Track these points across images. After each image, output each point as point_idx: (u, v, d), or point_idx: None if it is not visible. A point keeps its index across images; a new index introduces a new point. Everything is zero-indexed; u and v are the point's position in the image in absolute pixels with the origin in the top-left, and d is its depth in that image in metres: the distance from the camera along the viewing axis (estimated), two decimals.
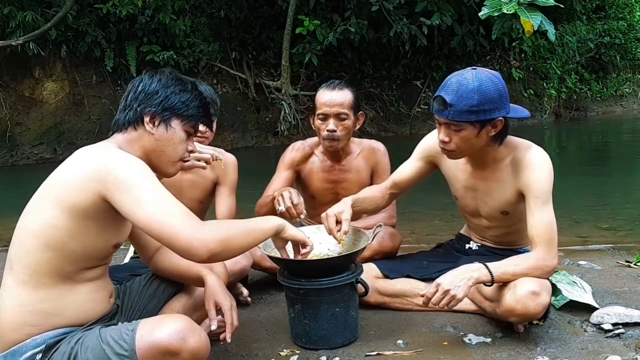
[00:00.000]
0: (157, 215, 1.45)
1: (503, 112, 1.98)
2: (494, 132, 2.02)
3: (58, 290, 1.55)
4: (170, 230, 1.44)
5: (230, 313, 1.78)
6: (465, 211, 2.36)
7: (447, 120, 1.97)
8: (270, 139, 10.21)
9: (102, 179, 1.47)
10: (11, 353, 1.54)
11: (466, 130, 1.97)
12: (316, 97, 2.59)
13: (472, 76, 1.94)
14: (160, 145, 1.66)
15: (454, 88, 1.94)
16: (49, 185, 1.56)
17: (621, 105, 14.31)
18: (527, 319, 2.01)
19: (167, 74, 1.69)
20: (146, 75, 1.70)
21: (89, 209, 1.50)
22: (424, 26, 9.53)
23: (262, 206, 2.59)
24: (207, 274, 1.86)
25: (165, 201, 1.48)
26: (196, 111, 1.69)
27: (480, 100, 1.91)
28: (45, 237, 1.51)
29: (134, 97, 1.66)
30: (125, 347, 1.48)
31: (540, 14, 2.76)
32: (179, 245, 1.45)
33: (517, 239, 2.30)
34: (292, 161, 2.71)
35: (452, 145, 2.02)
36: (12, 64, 9.34)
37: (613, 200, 5.21)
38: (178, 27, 9.47)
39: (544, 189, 2.01)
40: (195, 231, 1.46)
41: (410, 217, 4.30)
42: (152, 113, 1.63)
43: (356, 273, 2.05)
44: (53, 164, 1.58)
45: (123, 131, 1.66)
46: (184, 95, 1.67)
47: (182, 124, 1.67)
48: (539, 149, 2.09)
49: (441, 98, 1.95)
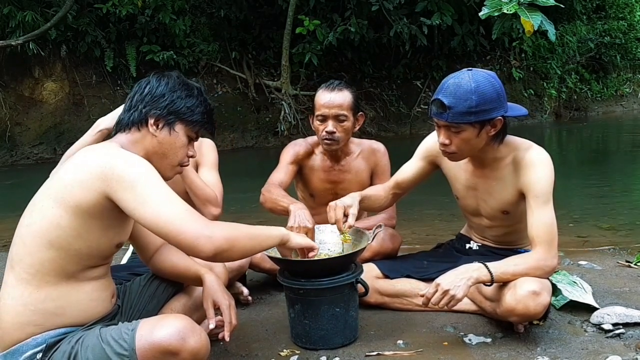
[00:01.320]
0: (163, 213, 1.46)
1: (502, 111, 1.98)
2: (494, 131, 2.02)
3: (61, 290, 1.55)
4: (178, 227, 1.46)
5: (229, 312, 1.78)
6: (466, 211, 2.36)
7: (446, 123, 1.96)
8: (270, 139, 10.21)
9: (106, 178, 1.48)
10: (12, 352, 1.54)
11: (466, 131, 1.97)
12: (315, 98, 2.57)
13: (469, 77, 1.93)
14: (162, 148, 1.66)
15: (451, 90, 1.93)
16: (52, 185, 1.56)
17: (621, 105, 14.32)
18: (528, 318, 2.01)
19: (174, 78, 1.70)
20: (154, 77, 1.71)
21: (93, 208, 1.50)
22: (424, 26, 9.53)
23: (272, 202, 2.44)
24: (206, 273, 1.87)
25: (170, 199, 1.49)
26: (200, 117, 1.70)
27: (478, 101, 1.91)
28: (48, 236, 1.51)
29: (140, 98, 1.67)
30: (126, 346, 1.48)
31: (540, 14, 2.76)
32: (185, 242, 1.47)
33: (518, 238, 2.30)
34: (296, 155, 2.68)
35: (452, 147, 2.02)
36: (12, 63, 9.34)
37: (613, 200, 5.20)
38: (178, 27, 9.48)
39: (544, 188, 2.00)
40: (202, 228, 1.48)
41: (410, 218, 4.29)
42: (157, 116, 1.64)
43: (356, 273, 2.05)
44: (53, 164, 1.58)
45: (126, 131, 1.66)
46: (190, 101, 1.68)
47: (186, 128, 1.68)
48: (540, 149, 2.09)
49: (439, 101, 1.94)
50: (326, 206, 2.72)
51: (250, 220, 3.50)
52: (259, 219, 3.20)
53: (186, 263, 1.89)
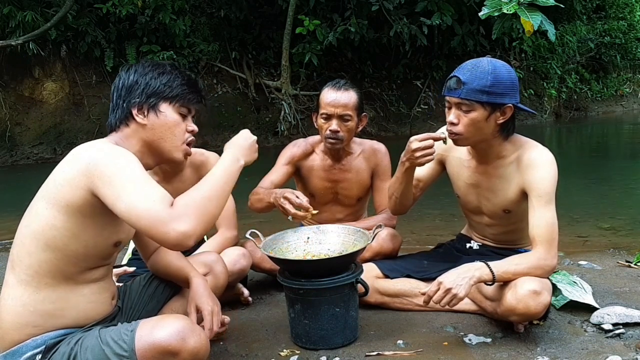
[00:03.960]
0: (134, 208, 1.40)
1: (514, 100, 2.02)
2: (503, 119, 2.03)
3: (60, 291, 1.55)
4: (147, 222, 1.39)
5: (210, 318, 1.75)
6: (467, 209, 2.37)
7: (459, 99, 1.99)
8: (270, 139, 10.21)
9: (90, 174, 1.45)
10: (11, 353, 1.54)
11: (476, 111, 1.99)
12: (320, 96, 2.57)
13: (487, 61, 2.02)
14: (157, 133, 1.63)
15: (469, 68, 2.01)
16: (45, 185, 1.55)
17: (621, 105, 14.33)
18: (528, 318, 2.01)
19: (142, 64, 1.68)
20: (122, 70, 1.69)
21: (83, 206, 1.48)
22: (424, 26, 9.53)
23: (258, 201, 2.51)
24: (194, 277, 1.84)
25: (141, 190, 1.42)
26: (181, 89, 1.66)
27: (493, 81, 1.96)
28: (44, 238, 1.51)
29: (117, 95, 1.65)
30: (125, 347, 1.47)
31: (540, 14, 2.76)
32: (158, 239, 1.41)
33: (518, 238, 2.30)
34: (292, 157, 2.70)
35: (460, 127, 2.03)
36: (12, 63, 9.34)
37: (613, 200, 5.21)
38: (178, 27, 9.48)
39: (547, 188, 2.01)
40: (169, 220, 1.38)
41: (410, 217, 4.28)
42: (138, 104, 1.62)
43: (356, 273, 2.05)
44: (53, 164, 1.57)
45: (117, 130, 1.65)
46: (164, 78, 1.65)
47: (172, 106, 1.65)
48: (545, 149, 2.09)
49: (456, 77, 2.01)
50: (326, 206, 2.74)
51: (250, 220, 3.50)
52: (259, 218, 3.19)
53: (179, 264, 1.88)
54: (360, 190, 2.73)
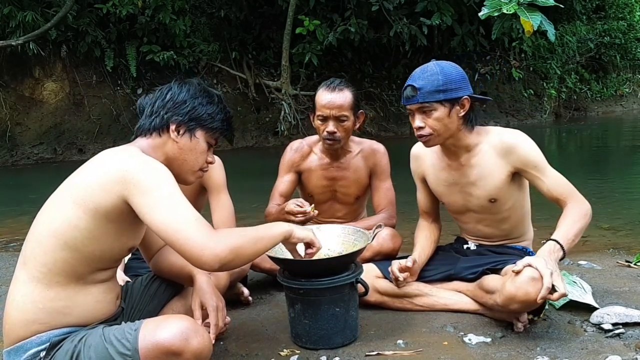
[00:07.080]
0: (171, 222, 1.47)
1: (467, 92, 2.13)
2: (463, 111, 2.13)
3: (70, 290, 1.56)
4: (183, 238, 1.46)
5: (215, 314, 1.78)
6: (453, 210, 2.39)
7: (419, 105, 2.10)
8: (270, 139, 10.22)
9: (126, 182, 1.49)
10: (15, 349, 1.55)
11: (437, 111, 2.10)
12: (316, 97, 2.57)
13: (433, 64, 2.14)
14: (183, 154, 1.69)
15: (418, 75, 2.12)
16: (72, 185, 1.57)
17: (621, 105, 14.34)
18: (528, 305, 1.97)
19: (195, 85, 1.74)
20: (175, 84, 1.74)
21: (112, 211, 1.52)
22: (424, 26, 9.53)
23: (271, 214, 2.62)
24: (197, 274, 1.87)
25: (181, 208, 1.49)
26: (220, 124, 1.74)
27: (444, 80, 2.08)
28: (64, 237, 1.52)
29: (161, 104, 1.69)
30: (128, 346, 1.48)
31: (540, 14, 2.77)
32: (190, 254, 1.47)
33: (509, 229, 2.30)
34: (292, 163, 2.73)
35: (427, 129, 2.13)
36: (12, 64, 9.35)
37: (613, 200, 5.20)
38: (178, 27, 9.49)
39: (538, 157, 2.12)
40: (207, 240, 1.47)
41: (410, 218, 4.28)
42: (178, 122, 1.67)
43: (356, 273, 2.06)
44: (53, 164, 1.58)
45: (147, 136, 1.69)
46: (211, 108, 1.72)
47: (206, 135, 1.72)
48: (513, 129, 2.22)
49: (410, 85, 2.11)
50: (325, 205, 2.74)
51: (250, 220, 3.50)
52: (259, 219, 3.20)
53: (182, 263, 1.89)
54: (358, 189, 2.74)
